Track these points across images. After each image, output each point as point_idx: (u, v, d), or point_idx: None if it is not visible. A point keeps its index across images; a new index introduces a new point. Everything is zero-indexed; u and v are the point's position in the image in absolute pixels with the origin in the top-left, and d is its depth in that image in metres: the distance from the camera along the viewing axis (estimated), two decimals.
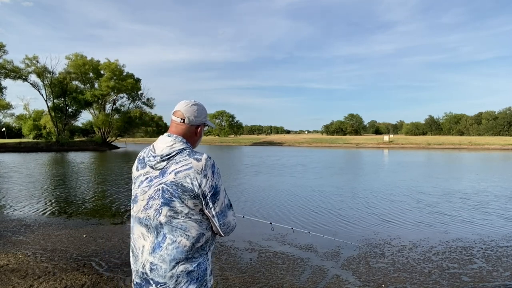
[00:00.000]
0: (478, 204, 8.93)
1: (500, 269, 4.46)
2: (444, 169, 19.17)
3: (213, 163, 1.56)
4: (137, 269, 1.59)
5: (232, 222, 1.64)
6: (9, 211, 8.14)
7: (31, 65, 44.31)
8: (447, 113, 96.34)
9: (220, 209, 1.57)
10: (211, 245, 1.63)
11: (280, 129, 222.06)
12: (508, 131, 74.21)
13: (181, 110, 1.63)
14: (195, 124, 1.65)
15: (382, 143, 52.32)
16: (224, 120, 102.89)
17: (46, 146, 44.10)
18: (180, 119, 1.62)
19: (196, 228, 1.54)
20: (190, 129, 1.64)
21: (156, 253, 1.52)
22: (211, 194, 1.53)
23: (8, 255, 4.94)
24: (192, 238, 1.53)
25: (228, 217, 1.61)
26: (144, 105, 55.06)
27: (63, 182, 13.65)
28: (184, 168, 1.50)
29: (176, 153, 1.54)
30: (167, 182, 1.51)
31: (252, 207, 8.56)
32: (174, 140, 1.58)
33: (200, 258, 1.56)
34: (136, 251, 1.60)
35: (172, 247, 1.51)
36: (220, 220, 1.58)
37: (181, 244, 1.51)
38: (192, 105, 1.65)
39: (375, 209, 8.37)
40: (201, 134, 1.71)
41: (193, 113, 1.64)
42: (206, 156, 1.54)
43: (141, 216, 1.58)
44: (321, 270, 4.45)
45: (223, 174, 14.93)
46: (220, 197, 1.56)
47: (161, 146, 1.57)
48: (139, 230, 1.59)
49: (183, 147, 1.56)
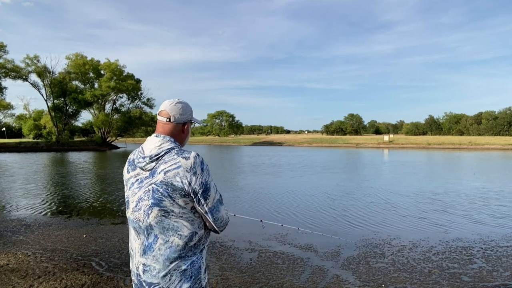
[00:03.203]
0: (477, 204, 8.93)
1: (500, 269, 4.46)
2: (444, 168, 19.18)
3: (202, 161, 1.57)
4: (133, 270, 1.63)
5: (225, 217, 1.66)
6: (9, 211, 8.14)
7: (31, 65, 44.40)
8: (447, 113, 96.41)
9: (213, 205, 1.58)
10: (204, 243, 1.64)
11: (280, 129, 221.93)
12: (508, 131, 74.20)
13: (166, 109, 1.64)
14: (181, 122, 1.66)
15: (382, 143, 52.32)
16: (224, 120, 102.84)
17: (46, 146, 44.12)
18: (166, 118, 1.63)
19: (188, 227, 1.55)
20: (177, 127, 1.65)
21: (147, 254, 1.53)
22: (202, 191, 1.54)
23: (8, 255, 4.95)
24: (185, 237, 1.54)
25: (221, 211, 1.62)
26: (144, 105, 55.18)
27: (63, 182, 13.66)
28: (173, 167, 1.51)
29: (164, 153, 1.55)
30: (157, 182, 1.52)
31: (249, 206, 8.56)
32: (162, 140, 1.59)
33: (193, 257, 1.57)
34: (132, 252, 1.63)
35: (165, 247, 1.52)
36: (214, 215, 1.59)
37: (174, 244, 1.52)
38: (177, 103, 1.66)
39: (375, 208, 8.37)
40: (188, 132, 1.72)
41: (178, 111, 1.64)
42: (195, 154, 1.55)
43: (132, 217, 1.59)
44: (321, 270, 4.46)
45: (226, 174, 14.80)
46: (211, 193, 1.57)
47: (150, 147, 1.58)
48: (133, 232, 1.62)
49: (171, 147, 1.57)
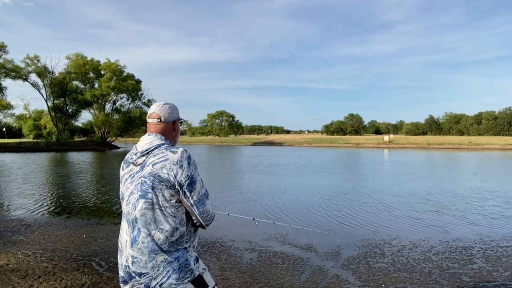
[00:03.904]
0: (477, 204, 8.93)
1: (500, 269, 4.46)
2: (444, 168, 19.18)
3: (189, 156, 1.66)
4: (121, 263, 1.67)
5: (211, 211, 1.72)
6: (9, 211, 8.14)
7: (31, 65, 44.39)
8: (447, 113, 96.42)
9: (198, 198, 1.65)
10: (188, 241, 1.67)
11: (280, 129, 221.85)
12: (508, 131, 74.21)
13: (155, 111, 1.77)
14: (171, 121, 1.79)
15: (382, 143, 52.33)
16: (224, 120, 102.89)
17: (46, 146, 44.11)
18: (157, 119, 1.76)
19: (170, 223, 1.60)
20: (167, 126, 1.78)
21: (134, 246, 1.61)
22: (188, 184, 1.61)
23: (8, 255, 4.95)
24: (166, 231, 1.59)
25: (206, 205, 1.69)
26: (145, 105, 55.14)
27: (63, 182, 13.66)
28: (160, 159, 1.61)
29: (154, 147, 1.66)
30: (145, 175, 1.61)
31: (246, 206, 8.57)
32: (153, 137, 1.71)
33: (177, 253, 1.62)
34: (121, 245, 1.70)
35: (148, 240, 1.59)
36: (199, 208, 1.65)
37: (155, 237, 1.59)
38: (164, 104, 1.79)
39: (375, 208, 8.36)
40: (178, 129, 1.86)
41: (167, 111, 1.78)
42: (182, 149, 1.65)
43: (125, 212, 1.69)
44: (321, 270, 4.46)
45: (230, 174, 14.77)
46: (196, 186, 1.64)
47: (142, 144, 1.70)
48: (124, 226, 1.70)
49: (161, 143, 1.68)
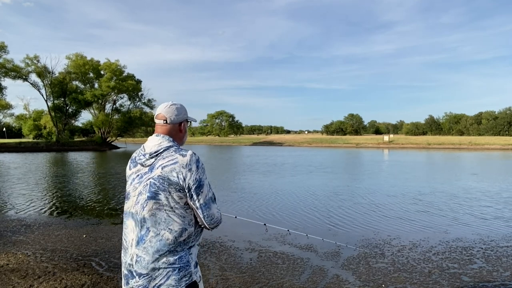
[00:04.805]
0: (477, 204, 8.93)
1: (500, 269, 4.46)
2: (444, 169, 19.17)
3: (198, 159, 1.67)
4: (125, 261, 1.71)
5: (216, 214, 1.72)
6: (9, 211, 8.14)
7: (31, 65, 44.37)
8: (447, 113, 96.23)
9: (204, 201, 1.66)
10: (194, 240, 1.70)
11: (280, 129, 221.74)
12: (508, 131, 74.16)
13: (162, 112, 1.75)
14: (177, 122, 1.78)
15: (382, 143, 52.30)
16: (224, 120, 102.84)
17: (46, 146, 44.11)
18: (163, 121, 1.75)
19: (179, 223, 1.63)
20: (174, 127, 1.77)
21: (140, 245, 1.62)
22: (195, 187, 1.63)
23: (8, 255, 4.95)
24: (175, 232, 1.61)
25: (212, 209, 1.69)
26: (145, 105, 55.16)
27: (63, 182, 13.65)
28: (170, 162, 1.62)
29: (163, 150, 1.66)
30: (154, 177, 1.62)
31: (248, 207, 8.57)
32: (161, 139, 1.70)
33: (182, 252, 1.64)
34: (126, 244, 1.71)
35: (156, 240, 1.60)
36: (204, 211, 1.66)
37: (164, 237, 1.60)
38: (171, 105, 1.77)
39: (375, 208, 8.37)
40: (185, 130, 1.84)
41: (173, 112, 1.76)
42: (191, 152, 1.65)
43: (132, 211, 1.68)
44: (321, 270, 4.46)
45: (230, 174, 14.80)
46: (204, 190, 1.66)
47: (150, 145, 1.70)
48: (131, 224, 1.69)
49: (170, 145, 1.69)
